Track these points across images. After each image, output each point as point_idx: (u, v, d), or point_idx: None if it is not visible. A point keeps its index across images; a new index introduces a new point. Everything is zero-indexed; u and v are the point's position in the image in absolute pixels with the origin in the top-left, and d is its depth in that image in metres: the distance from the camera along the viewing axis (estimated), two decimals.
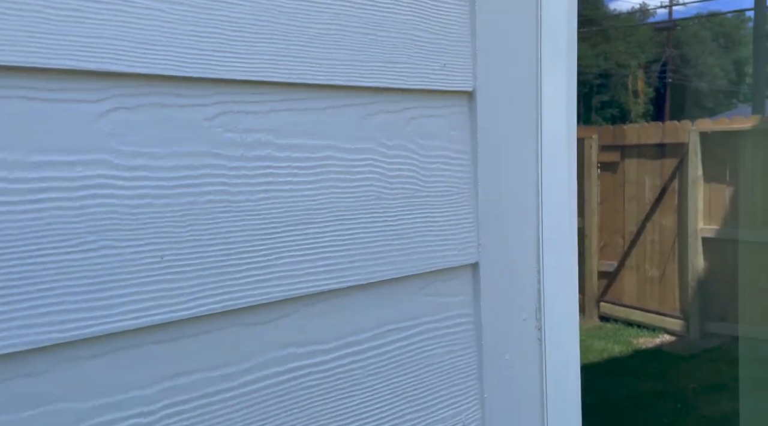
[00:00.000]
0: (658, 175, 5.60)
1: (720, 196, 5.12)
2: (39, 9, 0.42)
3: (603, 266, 6.18)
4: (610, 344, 5.31)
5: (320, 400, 0.58)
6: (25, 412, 0.43)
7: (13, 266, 0.42)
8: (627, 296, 6.03)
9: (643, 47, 21.27)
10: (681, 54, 18.85)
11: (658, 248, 5.70)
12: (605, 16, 22.12)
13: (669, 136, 5.42)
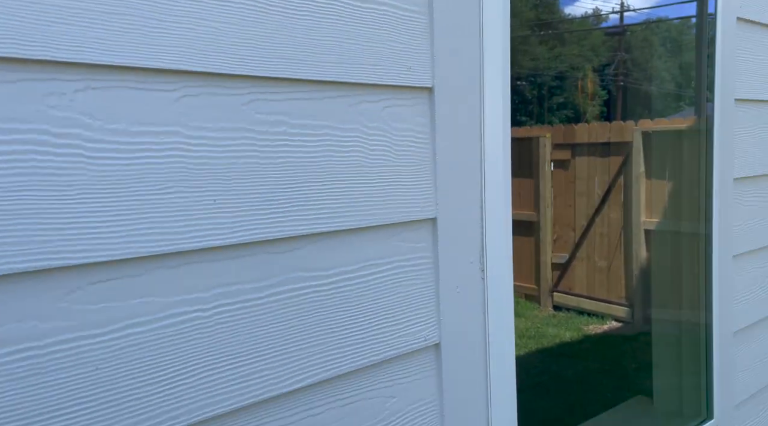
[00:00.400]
0: (605, 172, 5.99)
1: (660, 191, 5.51)
2: (142, 25, 0.62)
3: (556, 258, 6.55)
4: (562, 331, 5.66)
5: (321, 310, 0.79)
6: (128, 301, 0.63)
7: (123, 201, 0.62)
8: (578, 286, 6.40)
9: (596, 51, 22.04)
10: (632, 58, 19.64)
11: (606, 240, 6.09)
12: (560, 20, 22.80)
13: (615, 136, 5.81)
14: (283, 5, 0.73)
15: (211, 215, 0.69)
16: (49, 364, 0.59)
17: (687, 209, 1.60)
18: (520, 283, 7.05)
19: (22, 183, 0.57)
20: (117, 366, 0.63)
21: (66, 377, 0.60)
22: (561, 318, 6.14)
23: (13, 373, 0.57)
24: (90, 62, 0.60)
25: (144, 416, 0.65)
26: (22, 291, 0.57)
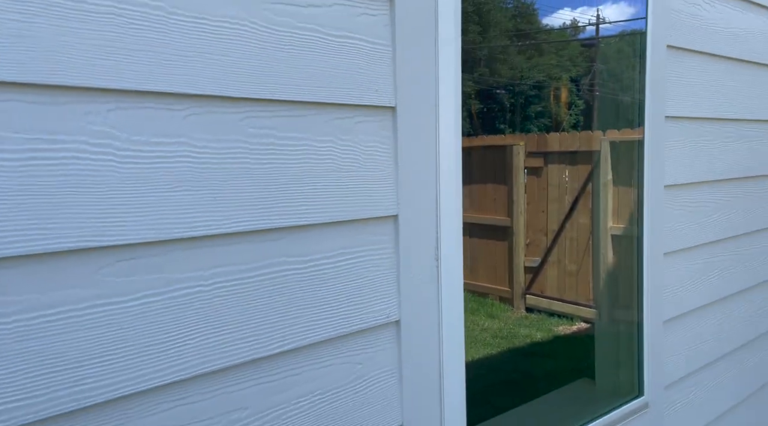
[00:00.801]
0: (576, 179, 6.24)
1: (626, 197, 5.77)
2: (160, 59, 0.79)
3: (529, 262, 6.78)
4: (533, 331, 5.88)
5: (301, 289, 0.96)
6: (146, 276, 0.80)
7: (143, 196, 0.79)
8: (549, 289, 6.64)
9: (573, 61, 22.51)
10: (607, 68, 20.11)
11: (576, 245, 6.34)
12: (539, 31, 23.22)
13: (584, 144, 6.07)
14: (274, 41, 0.90)
15: (211, 209, 0.86)
16: (85, 322, 0.75)
17: (630, 214, 1.80)
18: (495, 285, 7.28)
19: (66, 182, 0.73)
20: (136, 326, 0.79)
21: (97, 334, 0.76)
22: (533, 319, 6.37)
23: (59, 328, 0.73)
24: (119, 88, 0.76)
25: (158, 367, 0.81)
26: (67, 266, 0.74)
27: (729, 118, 1.94)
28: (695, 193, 1.82)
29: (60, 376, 0.74)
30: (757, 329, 2.16)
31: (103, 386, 0.77)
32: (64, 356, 0.74)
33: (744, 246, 2.05)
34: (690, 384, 1.86)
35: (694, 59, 1.77)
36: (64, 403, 0.74)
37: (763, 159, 2.11)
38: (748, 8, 1.97)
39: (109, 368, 0.77)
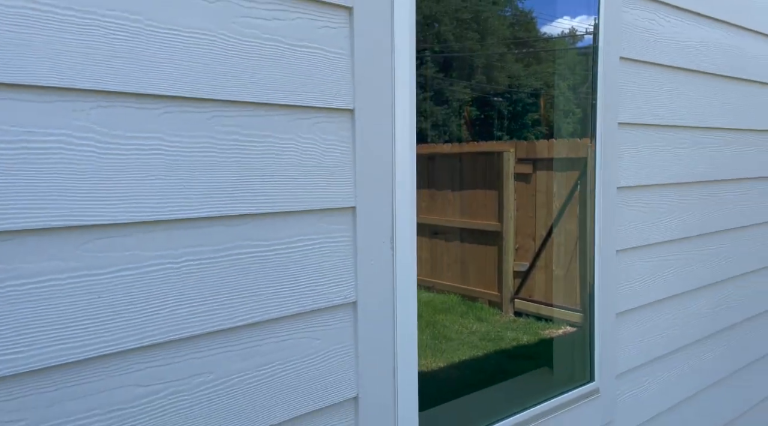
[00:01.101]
0: (563, 186, 6.37)
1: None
2: (137, 65, 0.91)
3: (518, 267, 6.90)
4: (520, 334, 5.99)
5: (263, 270, 1.08)
6: (122, 252, 0.92)
7: (120, 183, 0.91)
8: (537, 293, 6.76)
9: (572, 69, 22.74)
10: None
11: (563, 250, 6.46)
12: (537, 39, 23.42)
13: (572, 151, 6.20)
14: (240, 50, 1.03)
15: (181, 196, 0.98)
16: (67, 289, 0.87)
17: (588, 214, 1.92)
18: (485, 289, 7.39)
19: (54, 168, 0.85)
20: (112, 296, 0.92)
21: (77, 300, 0.88)
22: (520, 323, 6.48)
23: (41, 295, 0.85)
24: (101, 89, 0.89)
25: (132, 331, 0.93)
26: (52, 241, 0.86)
27: (685, 126, 2.06)
28: (649, 195, 1.94)
29: (44, 335, 0.86)
30: (714, 326, 2.28)
31: (83, 345, 0.89)
32: (48, 318, 0.86)
33: (700, 246, 2.18)
34: (643, 374, 1.98)
35: (648, 70, 1.90)
36: (47, 359, 0.86)
37: (719, 165, 2.23)
38: (704, 23, 2.10)
39: (87, 331, 0.89)
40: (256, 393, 1.09)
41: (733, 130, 2.29)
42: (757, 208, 2.45)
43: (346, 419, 1.22)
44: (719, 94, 2.20)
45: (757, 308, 2.50)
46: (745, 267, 2.40)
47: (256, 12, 1.05)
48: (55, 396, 0.88)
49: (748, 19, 2.27)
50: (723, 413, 2.39)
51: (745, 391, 2.51)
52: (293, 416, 1.14)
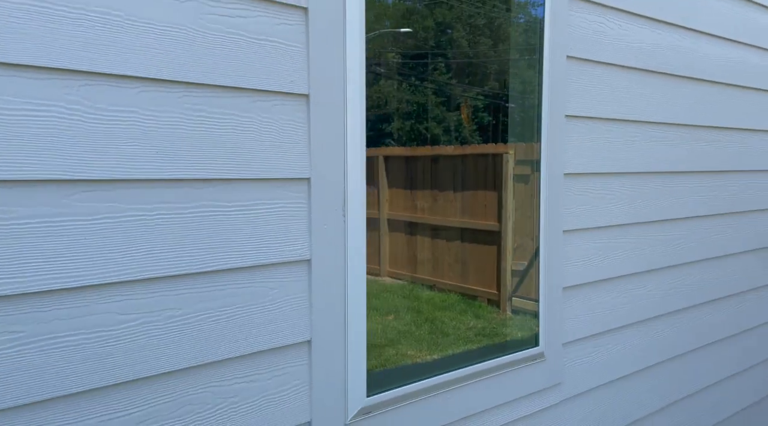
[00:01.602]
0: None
1: None
2: (120, 51, 1.13)
3: (516, 266, 7.06)
4: (515, 331, 6.15)
5: (225, 227, 1.29)
6: (103, 204, 1.13)
7: (102, 146, 1.12)
8: (534, 292, 6.91)
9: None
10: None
11: None
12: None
13: None
14: (208, 42, 1.24)
15: (154, 160, 1.19)
16: (56, 230, 1.09)
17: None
18: (484, 288, 7.56)
19: (48, 132, 1.07)
20: (96, 238, 1.13)
21: (65, 239, 1.10)
22: (517, 320, 6.61)
23: (39, 233, 1.07)
24: (88, 70, 1.10)
25: (112, 267, 1.15)
26: (45, 191, 1.08)
27: (636, 121, 2.24)
28: (598, 182, 2.13)
29: (45, 264, 1.07)
30: (665, 307, 2.44)
31: (75, 276, 1.11)
32: (46, 252, 1.08)
33: (651, 232, 2.35)
34: (593, 345, 2.16)
35: (599, 68, 2.09)
36: (45, 284, 1.08)
37: (673, 158, 2.40)
38: (656, 26, 2.28)
39: (77, 264, 1.11)
40: (219, 329, 1.30)
41: (688, 126, 2.46)
42: (712, 200, 2.62)
43: (300, 359, 1.43)
44: (673, 92, 2.38)
45: (710, 295, 2.66)
46: (700, 255, 2.57)
47: (221, 10, 1.26)
48: (49, 315, 1.09)
49: (701, 23, 2.45)
50: (674, 390, 2.55)
51: (700, 370, 2.67)
52: (254, 351, 1.35)
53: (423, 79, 6.22)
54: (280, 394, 1.40)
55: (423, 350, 4.76)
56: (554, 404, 2.05)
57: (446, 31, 6.76)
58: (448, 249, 7.38)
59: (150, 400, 1.22)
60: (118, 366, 1.17)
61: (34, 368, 1.08)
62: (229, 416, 1.33)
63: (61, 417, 1.11)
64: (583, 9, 2.01)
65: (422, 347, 4.68)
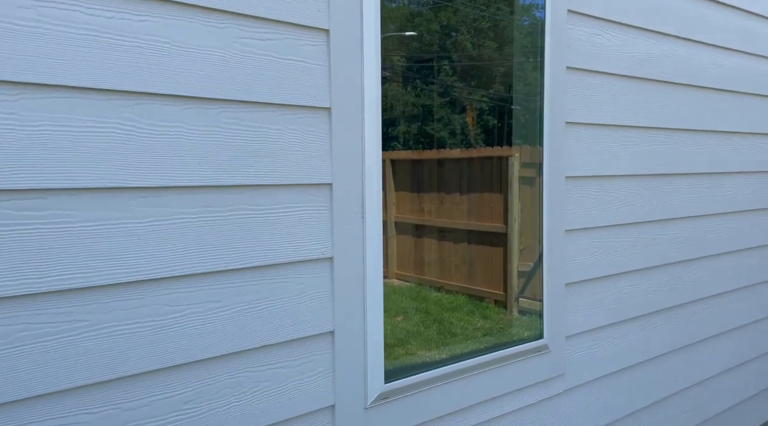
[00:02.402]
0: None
1: None
2: (166, 73, 1.28)
3: (522, 267, 7.18)
4: (521, 331, 6.27)
5: (256, 228, 1.44)
6: (153, 208, 1.29)
7: (156, 157, 1.28)
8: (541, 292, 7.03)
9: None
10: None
11: None
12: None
13: None
14: (240, 63, 1.39)
15: (198, 169, 1.34)
16: (117, 232, 1.24)
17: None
18: (491, 289, 7.68)
19: (108, 146, 1.22)
20: (148, 238, 1.28)
21: (126, 240, 1.25)
22: (524, 321, 6.71)
23: (104, 234, 1.22)
24: (140, 91, 1.26)
25: (162, 265, 1.30)
26: (107, 198, 1.23)
27: (633, 126, 2.38)
28: (598, 185, 2.27)
29: (106, 262, 1.23)
30: (664, 302, 2.58)
31: (133, 271, 1.26)
32: (108, 250, 1.23)
33: (649, 232, 2.48)
34: (595, 338, 2.29)
35: (596, 77, 2.23)
36: (107, 279, 1.23)
37: (669, 161, 2.54)
38: (651, 36, 2.42)
39: (133, 261, 1.26)
40: (253, 320, 1.45)
41: (684, 131, 2.60)
42: (708, 200, 2.75)
43: (325, 348, 1.57)
44: (668, 99, 2.52)
45: (707, 291, 2.79)
46: (697, 253, 2.70)
47: (253, 34, 1.41)
48: (109, 306, 1.24)
49: (695, 32, 2.59)
50: (676, 381, 2.68)
51: (697, 364, 2.80)
52: (283, 340, 1.49)
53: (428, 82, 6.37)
54: (307, 379, 1.55)
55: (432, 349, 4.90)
56: (558, 393, 2.19)
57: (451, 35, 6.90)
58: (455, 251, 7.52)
59: (195, 383, 1.37)
60: (169, 351, 1.32)
61: (98, 352, 1.23)
62: (263, 398, 1.47)
63: (123, 395, 1.27)
64: (581, 22, 2.16)
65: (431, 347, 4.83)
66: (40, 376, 1.18)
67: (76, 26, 1.18)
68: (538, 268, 2.15)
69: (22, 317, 1.16)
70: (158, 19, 1.27)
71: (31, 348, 1.17)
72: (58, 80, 1.17)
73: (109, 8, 1.21)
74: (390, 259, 5.36)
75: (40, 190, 1.16)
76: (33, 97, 1.15)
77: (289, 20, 1.46)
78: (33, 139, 1.15)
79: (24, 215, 1.15)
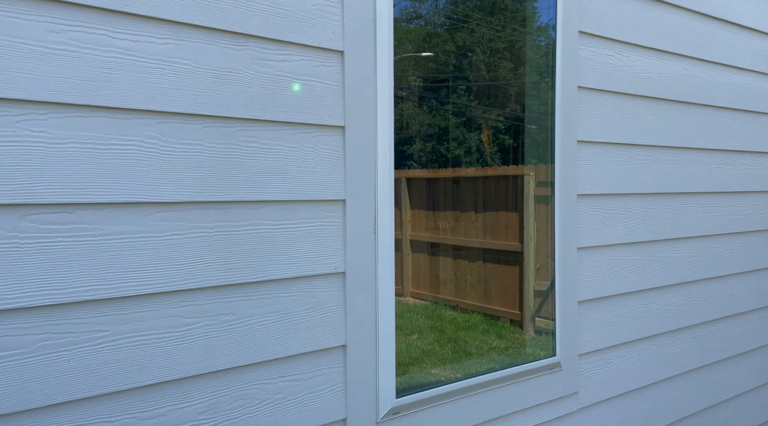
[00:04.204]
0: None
1: None
2: (189, 94, 1.34)
3: (538, 286, 7.14)
4: (537, 350, 6.21)
5: (274, 242, 1.48)
6: (170, 222, 1.33)
7: (175, 174, 1.33)
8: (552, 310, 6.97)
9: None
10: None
11: None
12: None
13: None
14: (258, 83, 1.44)
15: (215, 185, 1.39)
16: (137, 245, 1.28)
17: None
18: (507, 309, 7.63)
19: (131, 162, 1.27)
20: (166, 253, 1.32)
21: (143, 253, 1.29)
22: (540, 340, 6.64)
23: (121, 247, 1.27)
24: (162, 110, 1.31)
25: (177, 277, 1.34)
26: (129, 212, 1.28)
27: (645, 145, 2.40)
28: (610, 203, 2.28)
29: (123, 274, 1.27)
30: (681, 322, 2.56)
31: (148, 284, 1.30)
32: (123, 263, 1.27)
33: (664, 251, 2.48)
34: (609, 356, 2.29)
35: (606, 97, 2.26)
36: (124, 291, 1.27)
37: (683, 180, 2.54)
38: (663, 57, 2.44)
39: (150, 274, 1.30)
40: (266, 332, 1.48)
41: (697, 150, 2.61)
42: (724, 219, 2.74)
43: (337, 361, 1.60)
44: (681, 118, 2.53)
45: (724, 312, 2.76)
46: (712, 272, 2.68)
47: (271, 55, 1.47)
48: (127, 317, 1.28)
49: (708, 53, 2.60)
50: (691, 403, 2.65)
51: (714, 386, 2.76)
52: (296, 353, 1.52)
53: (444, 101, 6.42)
54: (319, 393, 1.57)
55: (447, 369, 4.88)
56: (572, 412, 2.18)
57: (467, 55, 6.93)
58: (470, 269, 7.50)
59: (209, 394, 1.40)
60: (184, 362, 1.35)
61: (116, 362, 1.27)
62: (275, 411, 1.50)
63: (140, 405, 1.30)
64: (592, 43, 2.19)
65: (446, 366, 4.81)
66: (61, 385, 1.22)
67: (104, 49, 1.24)
68: (555, 288, 2.16)
69: (44, 327, 1.20)
70: (180, 41, 1.33)
71: (53, 357, 1.21)
72: (84, 100, 1.22)
73: (134, 32, 1.28)
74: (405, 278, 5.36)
75: (65, 204, 1.22)
76: (60, 116, 1.21)
77: (304, 42, 1.51)
78: (60, 155, 1.21)
79: (49, 228, 1.20)
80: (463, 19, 6.16)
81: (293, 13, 1.49)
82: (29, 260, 1.18)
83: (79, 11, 1.22)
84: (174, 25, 1.33)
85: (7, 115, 1.15)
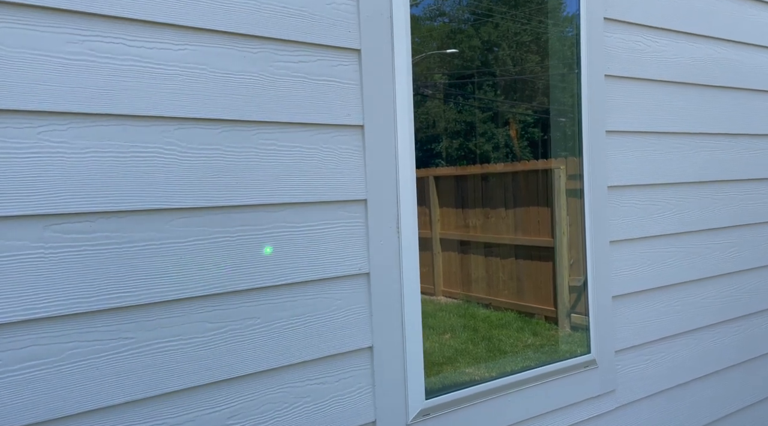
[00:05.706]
0: None
1: None
2: (203, 99, 1.34)
3: (573, 281, 7.01)
4: (574, 347, 6.10)
5: (296, 244, 1.47)
6: (193, 228, 1.33)
7: (199, 179, 1.33)
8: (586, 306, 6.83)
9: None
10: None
11: None
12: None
13: None
14: (274, 85, 1.43)
15: (237, 187, 1.38)
16: (160, 251, 1.29)
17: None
18: (541, 305, 7.50)
19: (152, 169, 1.28)
20: (189, 258, 1.32)
21: (168, 259, 1.30)
22: (576, 337, 6.51)
23: (144, 255, 1.27)
24: (180, 116, 1.31)
25: (201, 283, 1.34)
26: (152, 219, 1.28)
27: (676, 132, 2.31)
28: (641, 194, 2.20)
29: (143, 281, 1.27)
30: (722, 315, 2.46)
31: (173, 290, 1.30)
32: (147, 269, 1.28)
33: (702, 241, 2.39)
34: (647, 352, 2.21)
35: (635, 85, 2.18)
36: (149, 297, 1.28)
37: (717, 166, 2.45)
38: (693, 40, 2.35)
39: (174, 280, 1.31)
40: (291, 335, 1.47)
41: (735, 135, 2.51)
42: (766, 206, 2.63)
43: (364, 363, 1.58)
44: (717, 103, 2.43)
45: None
46: (755, 263, 2.58)
47: (287, 57, 1.46)
48: (153, 323, 1.29)
49: (743, 34, 2.50)
50: (733, 400, 2.55)
51: (757, 381, 2.65)
52: (322, 356, 1.51)
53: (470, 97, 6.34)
54: (347, 395, 1.55)
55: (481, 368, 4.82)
56: (610, 410, 2.12)
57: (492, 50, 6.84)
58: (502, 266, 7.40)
59: (237, 398, 1.39)
60: (211, 368, 1.35)
61: (142, 368, 1.28)
62: (304, 414, 1.49)
63: (169, 411, 1.31)
64: (619, 29, 2.12)
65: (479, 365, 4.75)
66: (90, 393, 1.23)
67: (121, 58, 1.25)
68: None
69: (72, 335, 1.22)
70: (196, 47, 1.33)
71: (81, 365, 1.22)
72: (103, 109, 1.23)
73: (150, 39, 1.28)
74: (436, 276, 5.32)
75: (88, 213, 1.23)
76: (80, 126, 1.22)
77: (321, 42, 1.50)
78: (81, 165, 1.22)
79: (73, 238, 1.21)
80: (488, 14, 6.08)
81: (308, 13, 1.48)
82: (55, 270, 1.19)
83: (95, 21, 1.22)
84: (190, 31, 1.33)
85: (29, 127, 1.17)
